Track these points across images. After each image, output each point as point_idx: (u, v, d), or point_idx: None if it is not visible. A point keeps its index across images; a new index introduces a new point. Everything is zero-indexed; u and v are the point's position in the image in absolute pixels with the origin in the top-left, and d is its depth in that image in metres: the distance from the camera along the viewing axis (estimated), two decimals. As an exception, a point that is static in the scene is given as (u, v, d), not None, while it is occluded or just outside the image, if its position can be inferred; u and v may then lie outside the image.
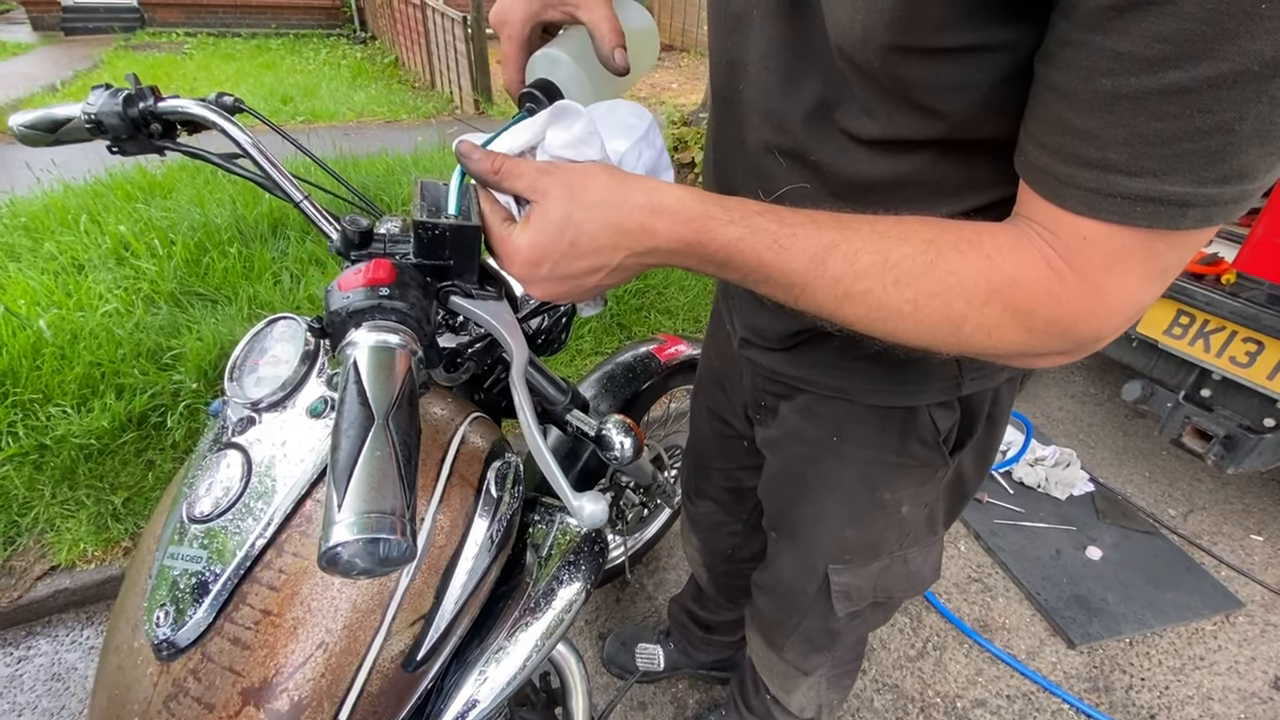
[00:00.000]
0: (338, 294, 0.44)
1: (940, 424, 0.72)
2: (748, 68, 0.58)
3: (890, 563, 0.86)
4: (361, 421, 0.37)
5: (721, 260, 0.47)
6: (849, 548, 0.84)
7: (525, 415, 0.51)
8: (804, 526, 0.87)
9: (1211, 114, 0.33)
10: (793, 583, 0.92)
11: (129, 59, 7.52)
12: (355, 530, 0.33)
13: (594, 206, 0.46)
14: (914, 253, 0.44)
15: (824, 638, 0.97)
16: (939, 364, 0.66)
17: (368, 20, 10.11)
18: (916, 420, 0.72)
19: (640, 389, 1.31)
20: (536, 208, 0.48)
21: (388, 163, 3.69)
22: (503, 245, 0.50)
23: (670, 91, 7.89)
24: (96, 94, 0.72)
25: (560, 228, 0.46)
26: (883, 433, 0.74)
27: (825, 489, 0.82)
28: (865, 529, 0.82)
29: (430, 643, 0.59)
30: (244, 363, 0.64)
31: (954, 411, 0.72)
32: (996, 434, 0.79)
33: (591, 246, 0.47)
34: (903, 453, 0.75)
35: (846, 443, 0.77)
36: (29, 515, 1.66)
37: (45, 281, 2.25)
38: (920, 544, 0.87)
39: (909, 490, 0.78)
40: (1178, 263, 0.40)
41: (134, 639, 0.56)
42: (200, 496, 0.57)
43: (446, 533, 0.60)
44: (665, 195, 0.47)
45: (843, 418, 0.76)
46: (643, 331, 2.61)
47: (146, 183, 3.12)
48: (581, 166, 0.49)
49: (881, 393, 0.71)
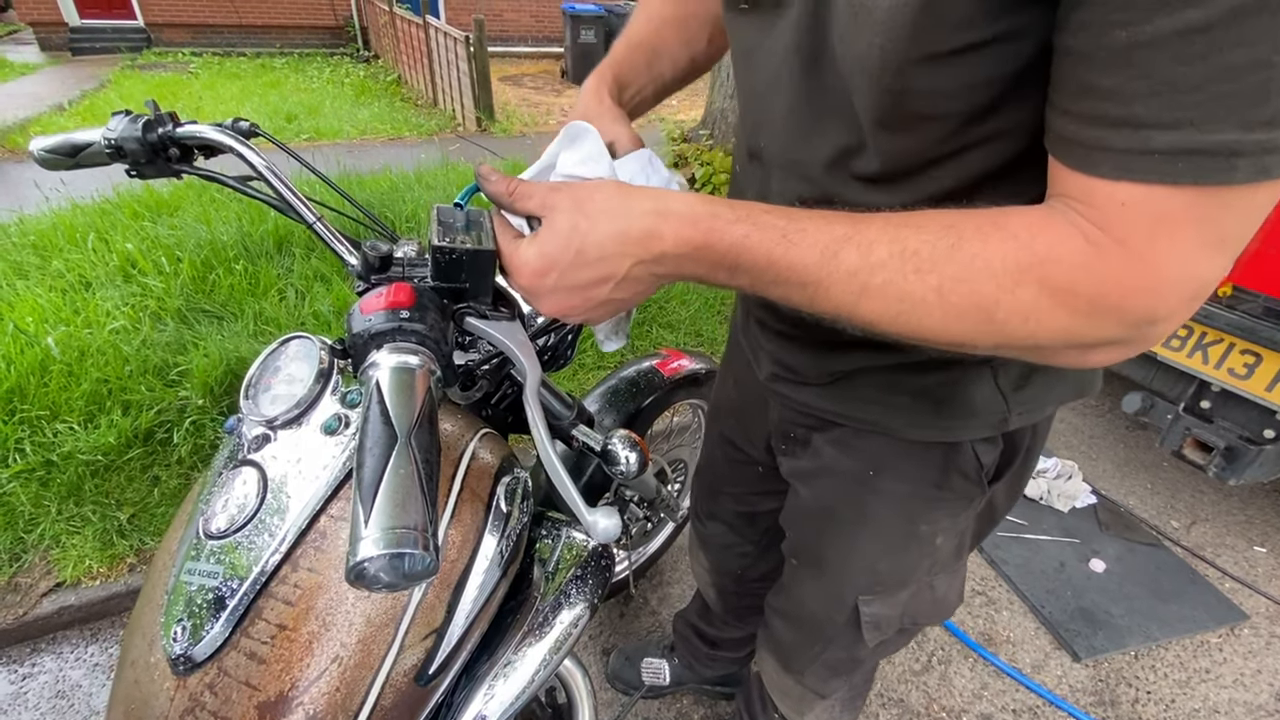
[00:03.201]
0: (360, 317, 0.46)
1: (983, 458, 0.70)
2: (774, 125, 0.59)
3: (918, 590, 0.84)
4: (385, 440, 0.38)
5: (731, 262, 0.45)
6: (881, 579, 0.82)
7: (540, 433, 0.53)
8: (834, 559, 0.84)
9: (1242, 48, 0.30)
10: (818, 613, 0.90)
11: (135, 79, 7.62)
12: (381, 545, 0.34)
13: (600, 215, 0.46)
14: (933, 239, 0.41)
15: (847, 665, 0.95)
16: (985, 399, 0.64)
17: (371, 39, 10.24)
18: (959, 455, 0.70)
19: (644, 403, 1.32)
20: (545, 221, 0.48)
21: (391, 180, 3.72)
22: (511, 259, 0.50)
23: (669, 109, 7.98)
24: (116, 120, 0.74)
25: (566, 237, 0.46)
26: (923, 467, 0.72)
27: (859, 523, 0.79)
28: (899, 560, 0.81)
29: (442, 656, 0.60)
30: (259, 381, 0.66)
31: (997, 446, 0.70)
32: (1032, 463, 0.78)
33: (597, 254, 0.46)
34: (943, 486, 0.72)
35: (884, 477, 0.74)
36: (35, 531, 1.67)
37: (53, 299, 2.27)
38: (947, 570, 0.85)
39: (945, 521, 0.76)
40: (1239, 228, 0.36)
41: (150, 654, 0.56)
42: (216, 513, 0.58)
43: (458, 548, 0.61)
44: (671, 200, 0.46)
45: (881, 452, 0.73)
46: (645, 346, 2.62)
47: (154, 201, 3.15)
48: (589, 182, 0.50)
49: (924, 428, 0.68)
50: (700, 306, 2.86)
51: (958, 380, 0.64)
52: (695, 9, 0.74)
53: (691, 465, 1.73)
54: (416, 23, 6.97)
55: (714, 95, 3.84)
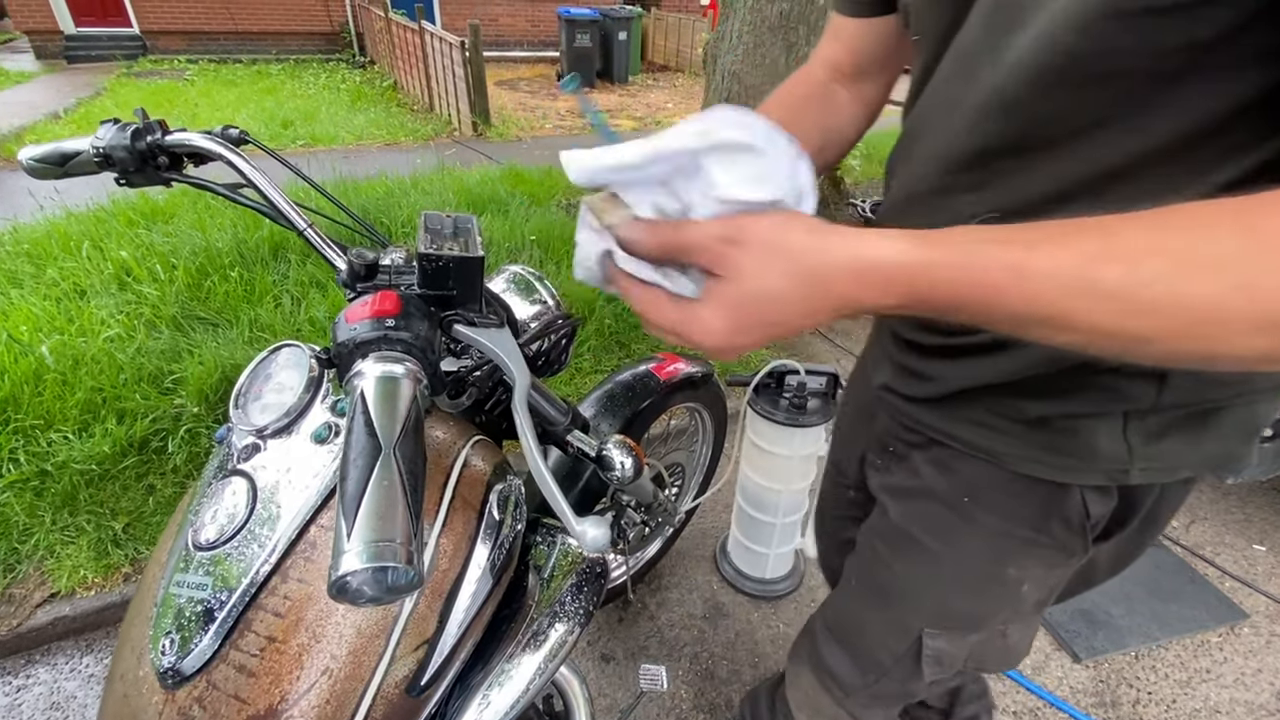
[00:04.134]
0: (345, 326, 0.46)
1: (1092, 509, 0.64)
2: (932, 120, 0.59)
3: (990, 636, 0.78)
4: (369, 451, 0.38)
5: (945, 307, 0.40)
6: (952, 615, 0.76)
7: (528, 441, 0.52)
8: (906, 584, 0.78)
9: None
10: (877, 641, 0.83)
11: (131, 86, 7.62)
12: (364, 559, 0.34)
13: (794, 275, 0.40)
14: (1218, 235, 0.33)
15: (897, 697, 0.88)
16: (1108, 442, 0.58)
17: (367, 45, 10.26)
18: (1065, 499, 0.64)
19: (640, 408, 1.32)
20: (727, 284, 0.42)
21: (387, 185, 3.72)
22: (688, 326, 0.44)
23: (665, 111, 7.99)
24: (105, 128, 0.74)
25: (756, 302, 0.41)
26: (1023, 504, 0.66)
27: (942, 552, 0.73)
28: (977, 601, 0.74)
29: (434, 667, 0.59)
30: (249, 390, 0.65)
31: (1111, 499, 0.64)
32: (1149, 535, 0.70)
33: (796, 315, 0.42)
34: (1040, 530, 0.66)
35: (979, 506, 0.69)
36: (29, 542, 1.66)
37: (47, 308, 2.26)
38: (1023, 620, 0.78)
39: (1037, 570, 0.70)
40: None
41: (139, 667, 0.56)
42: (205, 524, 0.58)
43: (449, 557, 0.60)
44: (869, 251, 0.40)
45: (981, 479, 0.67)
46: (642, 349, 2.62)
47: (148, 208, 3.15)
48: (769, 228, 0.42)
49: (1033, 462, 0.63)
50: (697, 309, 2.86)
51: (1080, 418, 0.58)
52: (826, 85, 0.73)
53: (689, 468, 1.73)
54: (412, 28, 6.99)
55: (709, 98, 3.85)
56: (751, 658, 1.63)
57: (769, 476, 1.60)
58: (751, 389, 1.52)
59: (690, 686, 1.56)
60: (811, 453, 1.57)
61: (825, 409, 1.49)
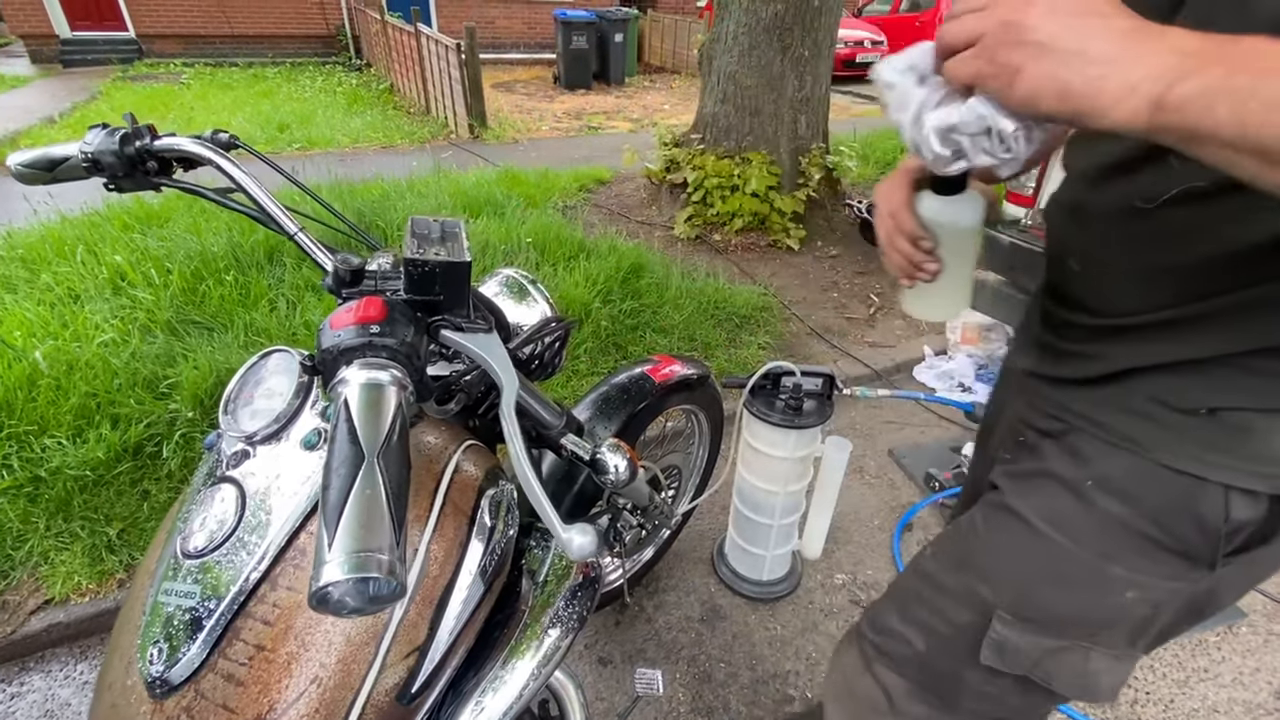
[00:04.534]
0: (329, 332, 0.45)
1: (1235, 512, 0.56)
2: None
3: (1070, 648, 0.67)
4: (352, 460, 0.38)
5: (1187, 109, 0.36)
6: (1034, 606, 0.67)
7: (515, 448, 0.52)
8: (992, 559, 0.70)
9: None
10: (942, 606, 0.74)
11: (127, 90, 7.60)
12: (345, 570, 0.33)
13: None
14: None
15: (942, 684, 0.76)
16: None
17: (363, 48, 10.25)
18: (1203, 496, 0.57)
19: (635, 410, 1.31)
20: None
21: (383, 188, 3.72)
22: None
23: (662, 113, 7.99)
24: (94, 133, 0.73)
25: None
26: (1152, 493, 0.59)
27: (1046, 533, 0.65)
28: (1067, 597, 0.66)
29: (425, 674, 0.59)
30: (238, 395, 0.65)
31: (1259, 505, 0.56)
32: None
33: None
34: (1164, 527, 0.59)
35: (1102, 491, 0.62)
36: (23, 549, 1.65)
37: (41, 313, 2.25)
38: (1114, 649, 0.67)
39: (1147, 578, 0.61)
40: None
41: (127, 676, 0.55)
42: (194, 531, 0.57)
43: (440, 563, 0.60)
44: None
45: (1115, 469, 0.61)
46: (638, 351, 2.61)
47: (143, 213, 3.14)
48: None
49: (1188, 458, 0.57)
50: (694, 311, 2.86)
51: (1259, 414, 0.53)
52: None
53: (686, 471, 1.72)
54: (408, 31, 6.98)
55: (705, 100, 3.85)
56: (749, 660, 1.63)
57: (765, 478, 1.60)
58: (747, 390, 1.52)
59: (688, 689, 1.55)
60: (808, 454, 1.57)
61: (821, 410, 1.49)
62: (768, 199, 3.61)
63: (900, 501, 2.16)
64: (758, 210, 3.62)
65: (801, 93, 3.60)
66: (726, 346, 2.78)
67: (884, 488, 2.23)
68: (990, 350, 2.79)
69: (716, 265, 3.45)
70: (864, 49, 10.85)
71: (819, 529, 1.74)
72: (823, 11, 3.39)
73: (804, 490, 1.66)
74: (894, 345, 3.00)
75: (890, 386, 2.78)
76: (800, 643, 1.67)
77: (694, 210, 3.72)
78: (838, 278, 3.53)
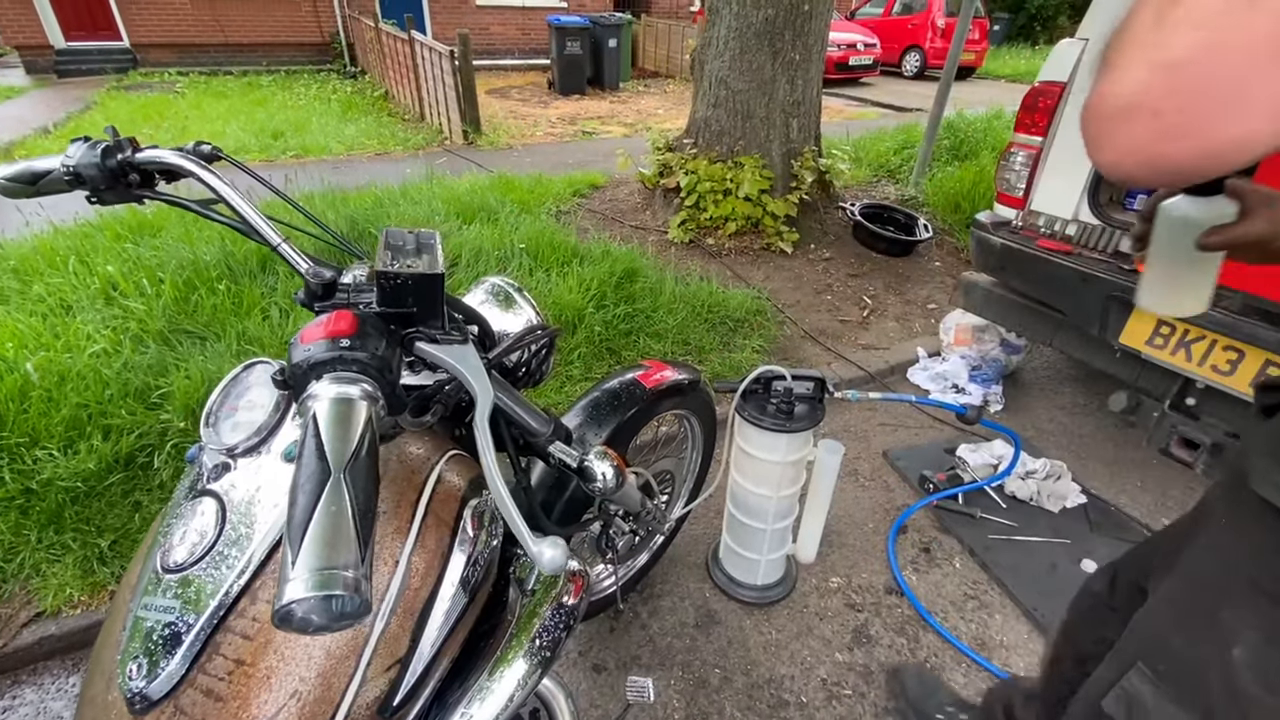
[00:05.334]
0: (299, 347, 0.45)
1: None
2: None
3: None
4: (318, 476, 0.37)
5: None
6: (1165, 657, 0.62)
7: (486, 459, 0.52)
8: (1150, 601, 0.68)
9: None
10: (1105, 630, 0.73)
11: (121, 100, 7.60)
12: (309, 587, 0.33)
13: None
14: None
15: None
16: None
17: (357, 55, 10.27)
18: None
19: (626, 416, 1.31)
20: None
21: (376, 196, 3.72)
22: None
23: (656, 117, 8.01)
24: (75, 146, 0.73)
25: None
26: (1254, 533, 0.55)
27: (1176, 567, 0.62)
28: (1186, 644, 0.61)
29: (407, 687, 0.59)
30: (220, 408, 0.65)
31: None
32: None
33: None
34: (1263, 564, 0.54)
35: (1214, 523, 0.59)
36: (14, 561, 1.64)
37: (33, 324, 2.25)
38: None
39: (1254, 634, 0.55)
40: None
41: (108, 692, 0.55)
42: (174, 545, 0.57)
43: (421, 575, 0.60)
44: None
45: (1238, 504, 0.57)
46: (631, 355, 2.61)
47: (135, 222, 3.13)
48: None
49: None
50: (688, 315, 2.86)
51: None
52: None
53: (679, 476, 1.72)
54: (402, 38, 6.99)
55: (698, 104, 3.86)
56: (744, 665, 1.62)
57: (758, 482, 1.60)
58: (739, 395, 1.52)
59: (682, 695, 1.55)
60: (800, 458, 1.57)
61: (812, 414, 1.49)
62: (760, 202, 3.62)
63: (895, 504, 2.16)
64: (750, 214, 3.63)
65: (793, 96, 3.61)
66: (721, 350, 2.79)
67: (879, 490, 2.23)
68: (983, 351, 2.80)
69: (710, 269, 3.45)
70: (856, 51, 10.90)
71: (813, 532, 1.74)
72: (813, 16, 3.40)
73: (798, 494, 1.66)
74: (888, 347, 3.00)
75: (883, 389, 2.78)
76: (795, 647, 1.67)
77: (687, 214, 3.73)
78: (831, 280, 3.54)
